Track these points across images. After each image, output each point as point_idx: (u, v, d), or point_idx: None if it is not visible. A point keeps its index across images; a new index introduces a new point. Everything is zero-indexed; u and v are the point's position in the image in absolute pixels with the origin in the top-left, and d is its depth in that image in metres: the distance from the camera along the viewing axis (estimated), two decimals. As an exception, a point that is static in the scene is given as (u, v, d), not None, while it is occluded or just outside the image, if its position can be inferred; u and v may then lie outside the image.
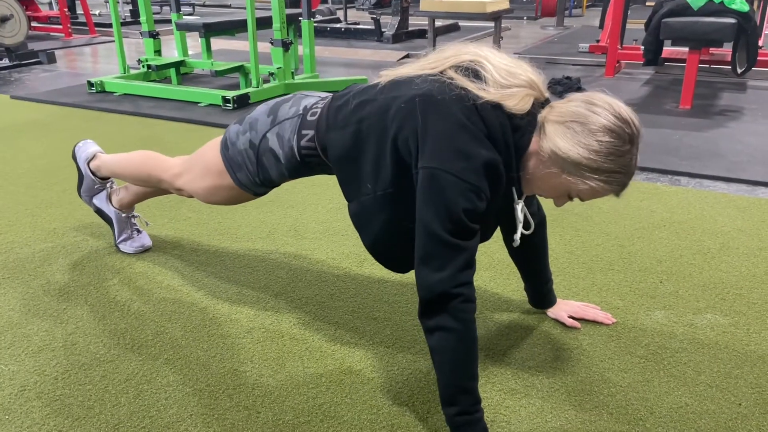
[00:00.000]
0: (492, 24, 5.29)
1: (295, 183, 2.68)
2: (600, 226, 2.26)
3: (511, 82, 1.21)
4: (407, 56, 5.70)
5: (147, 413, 1.38)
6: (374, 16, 6.88)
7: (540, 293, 1.70)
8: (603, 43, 5.54)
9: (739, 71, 4.11)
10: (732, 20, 3.63)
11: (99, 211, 2.09)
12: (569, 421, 1.35)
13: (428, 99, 1.22)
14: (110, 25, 5.28)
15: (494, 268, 1.97)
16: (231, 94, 3.98)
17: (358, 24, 7.48)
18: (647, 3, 9.17)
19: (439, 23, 6.82)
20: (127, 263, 2.02)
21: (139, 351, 1.59)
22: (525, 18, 8.97)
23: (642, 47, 4.19)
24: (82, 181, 2.07)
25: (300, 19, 4.53)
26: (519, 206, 1.35)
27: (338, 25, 7.36)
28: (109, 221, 2.08)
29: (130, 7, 8.46)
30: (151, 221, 2.33)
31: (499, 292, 1.84)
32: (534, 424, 1.34)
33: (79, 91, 4.47)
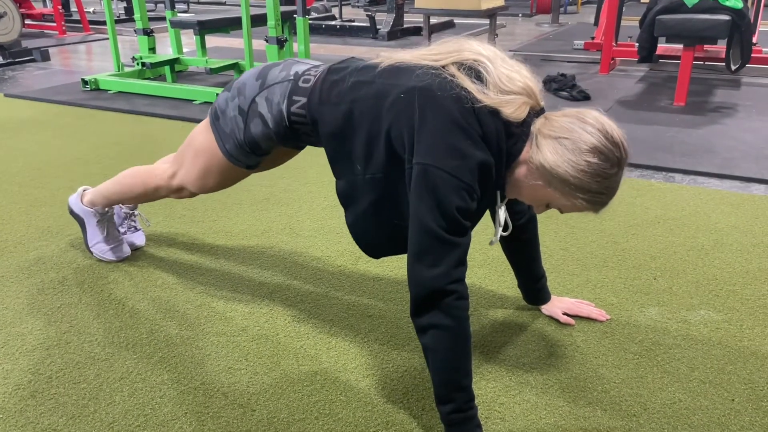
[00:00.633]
0: (487, 21, 5.28)
1: (290, 181, 2.68)
2: (594, 223, 2.27)
3: (511, 89, 1.21)
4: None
5: (142, 411, 1.38)
6: (369, 14, 6.88)
7: (533, 290, 1.70)
8: (598, 40, 5.55)
9: (733, 68, 4.12)
10: (726, 17, 3.64)
11: (124, 241, 2.06)
12: (563, 417, 1.35)
13: (427, 93, 1.22)
14: (104, 23, 5.26)
15: (488, 266, 1.98)
16: (226, 92, 3.97)
17: (353, 21, 7.47)
18: (642, 0, 9.19)
19: (434, 20, 6.82)
20: (121, 262, 2.02)
21: (134, 349, 1.59)
22: (520, 15, 8.98)
23: (636, 44, 4.20)
24: (86, 229, 2.01)
25: (295, 17, 4.53)
26: (501, 210, 1.36)
27: (333, 23, 7.35)
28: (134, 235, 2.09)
29: (125, 5, 8.43)
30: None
31: (494, 289, 1.85)
32: (528, 421, 1.34)
33: (74, 89, 4.45)
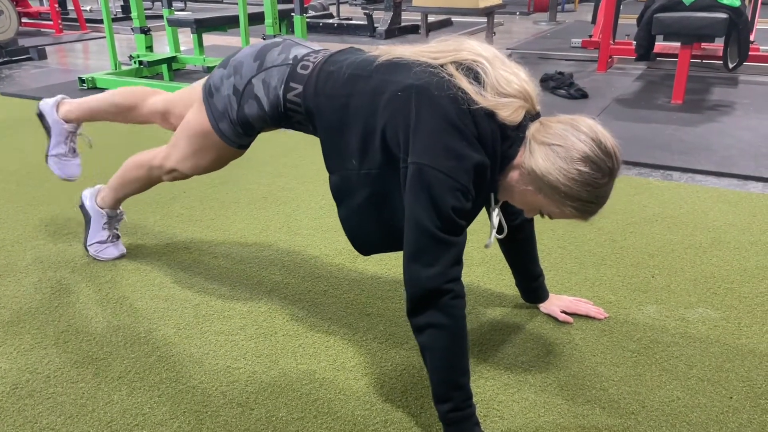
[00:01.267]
0: (485, 19, 5.28)
1: (288, 179, 2.68)
2: (592, 221, 2.26)
3: (508, 92, 1.21)
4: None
5: (140, 410, 1.37)
6: (367, 12, 6.87)
7: (531, 288, 1.70)
8: (595, 39, 5.55)
9: (731, 66, 4.12)
10: (723, 15, 3.64)
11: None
12: (562, 415, 1.35)
13: (424, 92, 1.21)
14: (101, 21, 5.24)
15: (487, 264, 1.98)
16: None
17: (351, 19, 7.46)
18: (639, -2, 9.19)
19: (432, 18, 6.81)
20: (119, 261, 2.01)
21: (132, 348, 1.59)
22: (518, 13, 8.97)
23: (634, 42, 4.20)
24: (89, 228, 2.02)
25: (292, 15, 4.52)
26: (495, 212, 1.36)
27: (331, 21, 7.34)
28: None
29: (122, 3, 8.41)
30: (144, 218, 2.32)
31: (492, 288, 1.85)
32: (527, 419, 1.35)
33: (70, 88, 4.44)
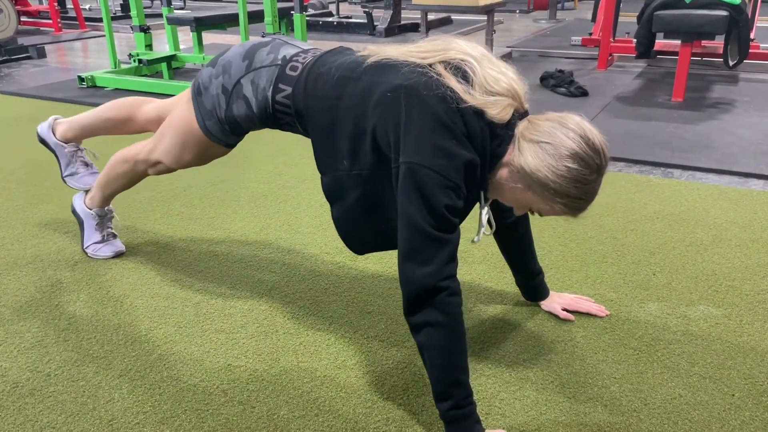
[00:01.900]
0: (485, 17, 5.27)
1: (288, 178, 2.68)
2: (593, 219, 2.27)
3: (496, 90, 1.21)
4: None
5: (141, 409, 1.37)
6: (367, 10, 6.86)
7: (530, 286, 1.70)
8: (595, 36, 5.54)
9: (731, 64, 4.12)
10: (724, 13, 3.64)
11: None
12: (563, 413, 1.35)
13: (413, 92, 1.22)
14: (101, 20, 5.24)
15: (488, 262, 1.97)
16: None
17: (351, 18, 7.45)
18: (639, -4, 9.17)
19: (432, 17, 6.81)
20: (120, 259, 2.01)
21: (132, 347, 1.58)
22: (518, 11, 8.96)
23: (634, 40, 4.19)
24: (83, 230, 2.03)
25: (292, 13, 4.51)
26: (484, 210, 1.36)
27: (330, 19, 7.33)
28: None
29: (121, 2, 8.40)
30: (144, 217, 2.32)
31: (493, 286, 1.84)
32: (528, 417, 1.34)
33: (70, 86, 4.43)
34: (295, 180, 2.66)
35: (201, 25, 4.56)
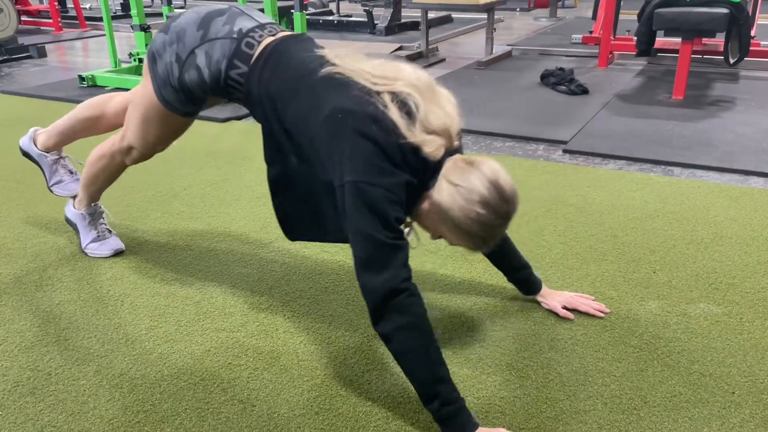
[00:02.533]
0: (485, 15, 5.27)
1: (289, 176, 2.67)
2: (593, 217, 2.27)
3: (433, 129, 1.28)
4: (400, 48, 5.68)
5: (141, 408, 1.37)
6: (367, 8, 6.85)
7: (521, 281, 1.72)
8: (596, 34, 5.54)
9: (732, 61, 4.11)
10: (724, 10, 3.63)
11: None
12: (564, 411, 1.35)
13: (361, 119, 1.26)
14: (101, 19, 5.24)
15: (487, 261, 1.97)
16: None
17: (351, 16, 7.44)
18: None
19: (432, 15, 6.80)
20: (120, 258, 2.01)
21: (133, 346, 1.58)
22: (518, 9, 8.95)
23: (635, 38, 4.19)
24: (79, 233, 2.06)
25: (292, 12, 4.51)
26: (409, 230, 1.45)
27: (331, 18, 7.32)
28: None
29: (121, 1, 8.40)
30: (145, 215, 2.32)
31: (493, 284, 1.84)
32: (529, 415, 1.34)
33: (71, 86, 4.43)
34: (296, 179, 2.65)
35: (201, 24, 4.55)
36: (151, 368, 1.50)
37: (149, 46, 1.59)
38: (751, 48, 4.19)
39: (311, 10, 7.73)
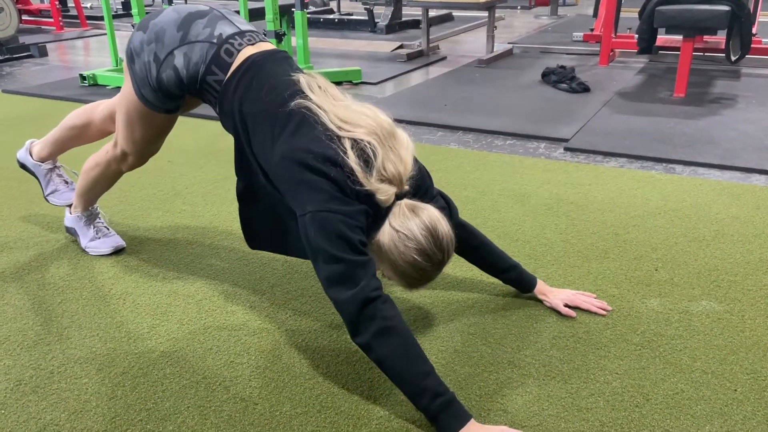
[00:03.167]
0: (486, 13, 5.26)
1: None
2: (595, 215, 2.27)
3: (387, 177, 1.34)
4: (401, 47, 5.68)
5: (143, 406, 1.38)
6: (367, 7, 6.85)
7: (513, 281, 1.73)
8: (597, 32, 5.54)
9: (733, 59, 4.11)
10: (725, 8, 3.63)
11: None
12: (565, 409, 1.35)
13: (321, 160, 1.31)
14: (102, 18, 5.24)
15: (490, 258, 1.97)
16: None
17: (352, 15, 7.44)
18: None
19: (433, 13, 6.80)
20: (122, 257, 2.02)
21: (135, 344, 1.59)
22: (519, 7, 8.94)
23: (636, 36, 4.18)
24: (78, 236, 2.07)
25: (293, 10, 4.51)
26: None
27: (331, 16, 7.33)
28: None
29: (122, 0, 8.40)
30: (146, 214, 2.32)
31: (493, 283, 1.84)
32: (530, 412, 1.34)
33: (72, 85, 4.44)
34: (297, 177, 2.65)
35: (202, 23, 4.55)
36: (153, 366, 1.50)
37: (127, 45, 1.60)
38: (753, 45, 4.18)
39: (312, 9, 7.73)
